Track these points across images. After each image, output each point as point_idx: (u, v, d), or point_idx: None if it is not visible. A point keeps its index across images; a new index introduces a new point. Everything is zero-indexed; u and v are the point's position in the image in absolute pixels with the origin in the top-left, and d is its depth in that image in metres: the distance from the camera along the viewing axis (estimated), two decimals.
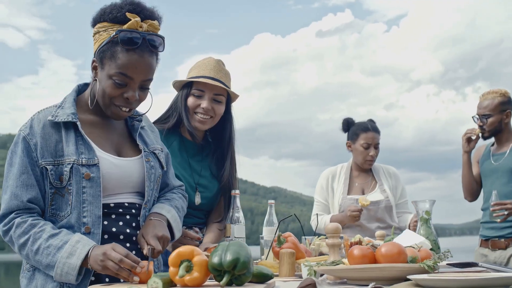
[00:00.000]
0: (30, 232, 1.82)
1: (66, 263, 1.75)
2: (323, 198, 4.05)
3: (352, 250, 1.62)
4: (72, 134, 1.92)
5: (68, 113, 1.94)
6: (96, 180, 1.88)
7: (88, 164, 1.88)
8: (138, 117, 2.15)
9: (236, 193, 2.39)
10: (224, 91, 2.66)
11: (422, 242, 2.60)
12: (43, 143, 1.89)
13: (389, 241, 2.65)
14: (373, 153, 3.98)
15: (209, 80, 2.61)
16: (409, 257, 1.61)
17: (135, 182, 2.01)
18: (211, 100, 2.64)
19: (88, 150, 1.90)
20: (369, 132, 4.00)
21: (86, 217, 1.86)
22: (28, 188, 1.86)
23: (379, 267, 1.54)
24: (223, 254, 1.46)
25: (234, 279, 1.48)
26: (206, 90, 2.64)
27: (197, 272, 1.48)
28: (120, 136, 2.08)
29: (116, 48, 1.87)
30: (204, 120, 2.64)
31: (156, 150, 2.14)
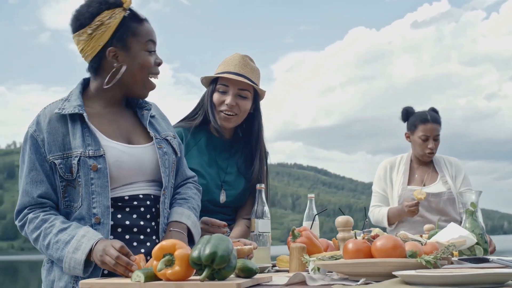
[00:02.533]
0: (41, 227, 1.89)
1: (72, 258, 1.80)
2: (381, 189, 3.92)
3: (346, 244, 1.53)
4: (79, 126, 1.95)
5: (75, 105, 1.98)
6: (103, 171, 1.91)
7: (95, 156, 1.92)
8: (147, 106, 2.18)
9: (261, 187, 2.34)
10: (249, 86, 2.61)
11: (466, 236, 2.44)
12: (50, 138, 1.94)
13: (434, 235, 2.53)
14: (432, 145, 3.80)
15: (233, 76, 2.57)
16: (408, 252, 1.49)
17: (149, 169, 2.03)
18: (236, 95, 2.59)
19: (94, 141, 1.94)
20: (427, 124, 3.81)
21: (96, 208, 1.90)
22: (37, 184, 1.92)
23: (372, 262, 1.44)
24: (202, 248, 1.43)
25: (215, 274, 1.44)
26: (230, 86, 2.60)
27: (178, 266, 1.46)
28: (130, 125, 2.10)
29: (132, 25, 2.00)
30: (229, 117, 2.60)
31: (169, 137, 2.16)
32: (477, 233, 2.58)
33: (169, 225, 2.04)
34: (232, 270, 1.45)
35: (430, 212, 3.76)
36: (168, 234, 2.02)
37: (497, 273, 1.19)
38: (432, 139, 3.79)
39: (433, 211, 3.76)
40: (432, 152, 3.81)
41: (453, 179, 3.80)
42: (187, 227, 2.07)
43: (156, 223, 2.04)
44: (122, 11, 1.98)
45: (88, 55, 2.01)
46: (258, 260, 2.23)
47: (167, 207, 2.08)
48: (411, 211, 3.60)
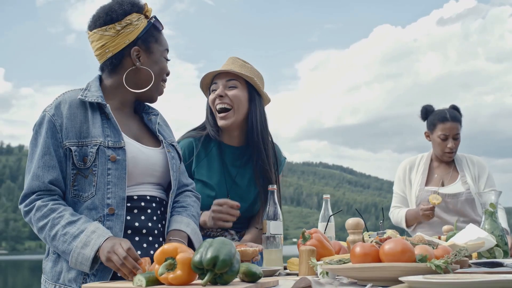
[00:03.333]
0: (49, 216, 1.85)
1: (80, 253, 1.77)
2: (401, 190, 3.86)
3: (353, 247, 1.49)
4: (98, 116, 1.96)
5: (96, 95, 1.99)
6: (122, 163, 1.90)
7: (114, 147, 1.91)
8: (154, 111, 2.21)
9: (273, 188, 2.30)
10: (235, 76, 2.59)
11: (484, 238, 2.37)
12: (68, 123, 1.92)
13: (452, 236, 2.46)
14: (451, 144, 3.70)
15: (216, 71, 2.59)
16: (418, 256, 1.44)
17: (159, 172, 2.04)
18: (224, 87, 2.58)
19: (114, 133, 1.94)
20: (446, 123, 3.71)
21: (110, 198, 1.88)
22: (49, 170, 1.89)
23: (379, 266, 1.40)
24: (204, 252, 1.40)
25: (217, 278, 1.40)
26: (218, 81, 2.60)
27: (180, 270, 1.43)
28: (139, 128, 2.12)
29: (155, 33, 2.10)
30: (224, 114, 2.56)
31: (174, 143, 2.19)
32: (496, 235, 2.51)
33: (169, 234, 2.02)
34: (235, 274, 1.41)
35: (447, 213, 3.69)
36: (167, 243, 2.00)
37: (507, 279, 1.14)
38: (452, 138, 3.70)
39: (450, 212, 3.69)
40: (451, 152, 3.72)
41: (475, 180, 3.71)
42: (187, 235, 2.05)
43: (162, 225, 2.04)
44: (145, 18, 2.08)
45: (109, 51, 2.02)
46: (269, 263, 2.20)
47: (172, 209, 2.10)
48: (425, 215, 3.53)
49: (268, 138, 2.66)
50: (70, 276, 1.86)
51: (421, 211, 3.54)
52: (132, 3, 2.04)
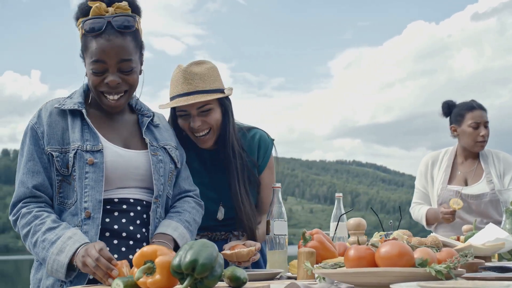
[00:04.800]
0: (32, 223, 1.82)
1: (55, 259, 1.73)
2: (422, 186, 3.72)
3: (347, 250, 1.37)
4: (78, 122, 1.93)
5: (75, 102, 1.96)
6: (99, 166, 1.86)
7: (92, 150, 1.88)
8: (148, 113, 2.12)
9: (276, 187, 2.19)
10: (205, 102, 2.30)
11: (504, 239, 2.22)
12: (49, 130, 1.91)
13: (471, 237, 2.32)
14: (484, 132, 3.56)
15: (183, 99, 2.28)
16: (418, 260, 1.32)
17: (143, 175, 1.97)
18: (198, 115, 2.32)
19: (93, 137, 1.91)
20: (475, 111, 3.58)
21: (87, 201, 1.84)
22: (34, 175, 1.88)
23: (373, 271, 1.28)
24: (183, 255, 1.30)
25: (198, 283, 1.30)
26: (188, 109, 2.31)
27: (159, 274, 1.34)
28: (130, 131, 2.06)
29: (87, 39, 1.89)
30: (204, 138, 2.35)
31: (168, 146, 2.09)
32: None
33: (154, 237, 1.94)
34: (217, 279, 1.31)
35: (470, 214, 3.53)
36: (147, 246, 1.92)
37: None
38: (483, 126, 3.56)
39: (473, 213, 3.53)
40: (484, 140, 3.58)
41: (501, 177, 3.54)
42: (173, 238, 1.95)
43: (146, 229, 1.96)
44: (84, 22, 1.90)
45: None
46: (273, 265, 2.10)
47: (160, 217, 2.00)
48: (445, 218, 3.39)
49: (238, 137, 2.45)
50: (48, 283, 1.83)
51: (441, 214, 3.41)
52: (79, 4, 1.92)
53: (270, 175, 2.56)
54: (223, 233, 2.47)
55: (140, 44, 1.98)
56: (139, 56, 1.98)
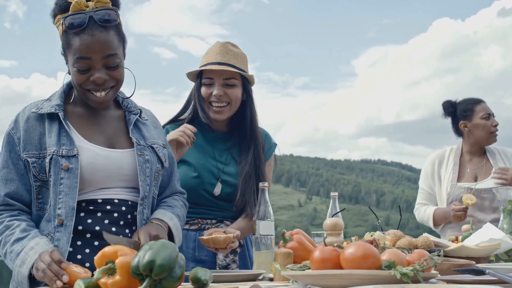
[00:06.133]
0: (3, 234, 1.79)
1: (19, 271, 1.70)
2: (428, 186, 3.63)
3: (313, 252, 1.33)
4: (56, 125, 1.88)
5: (53, 104, 1.91)
6: (74, 171, 1.81)
7: (68, 155, 1.82)
8: (135, 111, 2.06)
9: (264, 186, 2.15)
10: (233, 74, 2.47)
11: (500, 239, 2.15)
12: (26, 136, 1.86)
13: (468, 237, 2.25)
14: (496, 122, 3.53)
15: (215, 66, 2.43)
16: (385, 262, 1.27)
17: (128, 175, 1.92)
18: (222, 85, 2.46)
19: (69, 141, 1.85)
20: (482, 103, 3.58)
21: (61, 208, 1.80)
22: (7, 183, 1.84)
23: (335, 273, 1.24)
24: (142, 256, 1.27)
25: (158, 284, 1.27)
26: (215, 77, 2.47)
27: (119, 275, 1.31)
28: (115, 129, 1.99)
29: (69, 36, 1.82)
30: (221, 109, 2.47)
31: (155, 145, 2.02)
32: None
33: (151, 220, 1.93)
34: (176, 281, 1.28)
35: (482, 211, 3.42)
36: (148, 224, 1.90)
37: None
38: (493, 117, 3.55)
39: (486, 209, 3.42)
40: (497, 130, 3.54)
41: None
42: (169, 227, 1.94)
43: (130, 230, 1.91)
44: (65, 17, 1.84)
45: None
46: (259, 265, 2.06)
47: (146, 218, 1.96)
48: (457, 216, 3.30)
49: (258, 128, 2.58)
50: None
51: (452, 212, 3.32)
52: (56, 1, 1.87)
53: (268, 171, 2.61)
54: (214, 222, 2.46)
55: (123, 38, 1.93)
56: (122, 50, 1.93)
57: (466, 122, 3.57)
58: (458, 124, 3.61)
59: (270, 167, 2.64)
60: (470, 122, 3.55)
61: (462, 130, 3.61)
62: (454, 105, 3.64)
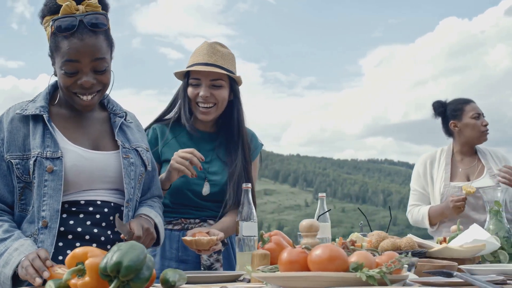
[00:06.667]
0: None
1: (2, 272, 1.71)
2: (420, 187, 3.61)
3: (281, 253, 1.33)
4: (40, 127, 1.89)
5: (37, 106, 1.92)
6: (58, 174, 1.83)
7: (52, 157, 1.84)
8: (120, 113, 2.08)
9: (247, 187, 2.16)
10: (221, 75, 2.47)
11: (485, 240, 2.15)
12: (10, 137, 1.87)
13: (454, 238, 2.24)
14: (486, 121, 3.52)
15: (202, 67, 2.44)
16: (352, 264, 1.27)
17: (112, 177, 1.94)
18: (209, 86, 2.46)
19: (54, 143, 1.87)
20: (472, 103, 3.58)
21: (45, 210, 1.82)
22: None
23: (302, 276, 1.24)
24: (110, 257, 1.28)
25: (126, 285, 1.28)
26: (202, 78, 2.47)
27: (89, 276, 1.32)
28: (100, 131, 2.01)
29: (57, 39, 1.84)
30: (207, 110, 2.48)
31: (140, 148, 2.05)
32: (501, 236, 2.29)
33: (137, 216, 1.98)
34: (144, 282, 1.29)
35: (477, 210, 3.41)
36: (138, 218, 1.95)
37: None
38: (483, 116, 3.55)
39: (481, 209, 3.40)
40: (487, 129, 3.53)
41: None
42: (155, 223, 1.99)
43: (112, 232, 1.93)
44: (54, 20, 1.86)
45: None
46: (242, 266, 2.06)
47: None
48: (457, 207, 3.26)
49: (245, 128, 2.58)
50: None
51: (451, 203, 3.28)
52: (43, 6, 1.89)
53: (253, 171, 2.61)
54: (197, 221, 2.47)
55: (111, 42, 1.95)
56: (110, 54, 1.95)
57: (456, 121, 3.57)
58: (448, 124, 3.60)
59: (256, 168, 2.65)
60: (460, 122, 3.55)
61: (452, 130, 3.60)
62: (444, 105, 3.64)
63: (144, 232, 1.88)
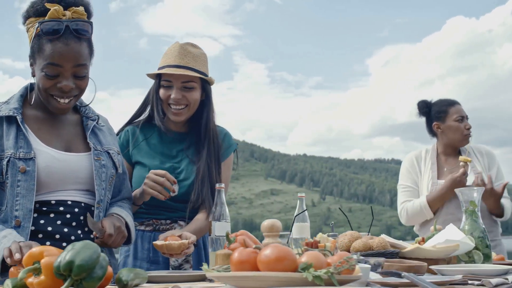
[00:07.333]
0: None
1: None
2: (412, 182, 3.56)
3: (232, 253, 1.34)
4: (14, 128, 1.93)
5: (11, 107, 1.96)
6: (31, 174, 1.86)
7: (25, 158, 1.88)
8: (93, 117, 2.12)
9: (220, 187, 2.17)
10: (192, 77, 2.48)
11: (458, 241, 2.16)
12: None
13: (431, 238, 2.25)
14: (469, 125, 3.51)
15: (173, 69, 2.46)
16: (302, 264, 1.28)
17: (83, 178, 1.98)
18: (181, 88, 2.48)
19: (27, 144, 1.90)
20: (457, 105, 3.56)
21: (18, 210, 1.85)
22: None
23: (250, 276, 1.25)
24: (63, 256, 1.30)
25: (79, 284, 1.30)
26: (173, 80, 2.49)
27: (44, 275, 1.34)
28: (72, 133, 2.06)
29: (42, 41, 1.88)
30: (179, 111, 2.50)
31: (111, 151, 2.10)
32: (476, 236, 2.29)
33: (109, 215, 2.02)
34: (97, 281, 1.31)
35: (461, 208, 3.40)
36: (110, 216, 2.00)
37: None
38: (466, 119, 3.54)
39: None
40: (470, 133, 3.52)
41: (485, 171, 3.44)
42: (126, 223, 2.03)
43: (83, 231, 1.97)
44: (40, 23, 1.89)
45: None
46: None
47: None
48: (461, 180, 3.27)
49: (215, 127, 2.60)
50: None
51: (458, 177, 3.27)
52: (29, 7, 1.93)
53: (226, 170, 2.61)
54: (168, 222, 2.48)
55: (92, 50, 1.99)
56: (90, 61, 1.99)
57: (439, 123, 3.57)
58: (431, 125, 3.60)
59: (228, 167, 2.64)
60: (443, 124, 3.54)
61: (435, 131, 3.60)
62: (429, 106, 3.63)
63: (115, 230, 1.93)
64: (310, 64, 60.04)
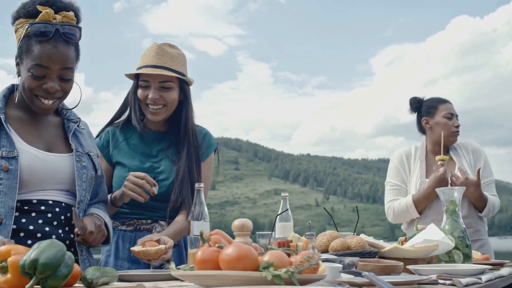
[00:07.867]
0: None
1: None
2: (400, 180, 3.55)
3: (196, 252, 1.36)
4: None
5: None
6: (14, 172, 1.89)
7: (8, 157, 1.90)
8: (74, 119, 2.16)
9: (200, 187, 2.18)
10: (169, 77, 2.50)
11: (438, 240, 2.17)
12: None
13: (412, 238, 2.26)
14: (458, 123, 3.51)
15: (150, 69, 2.47)
16: (263, 263, 1.29)
17: (64, 179, 2.01)
18: (158, 88, 2.50)
19: (10, 143, 1.93)
20: (447, 103, 3.57)
21: (0, 208, 1.87)
22: None
23: (211, 274, 1.27)
24: (29, 254, 1.32)
25: (45, 283, 1.32)
26: (151, 80, 2.51)
27: (11, 273, 1.36)
28: (54, 135, 2.09)
29: (31, 42, 1.92)
30: (157, 111, 2.51)
31: (91, 153, 2.14)
32: (456, 236, 2.30)
33: (88, 215, 2.05)
34: (61, 279, 1.33)
35: None
36: (90, 216, 2.03)
37: None
38: (455, 118, 3.54)
39: None
40: (458, 131, 3.51)
41: (472, 168, 3.43)
42: (105, 222, 2.07)
43: (63, 230, 2.00)
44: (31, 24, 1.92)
45: None
46: None
47: None
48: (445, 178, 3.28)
49: (194, 127, 2.60)
50: None
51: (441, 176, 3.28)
52: (20, 7, 1.96)
53: (206, 170, 2.62)
54: (149, 222, 2.50)
55: (79, 55, 2.03)
56: (76, 65, 2.03)
57: (428, 118, 3.56)
58: (421, 120, 3.60)
59: (208, 166, 2.65)
60: (432, 119, 3.54)
61: (424, 127, 3.59)
62: (420, 102, 3.63)
63: (96, 228, 1.98)
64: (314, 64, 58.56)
